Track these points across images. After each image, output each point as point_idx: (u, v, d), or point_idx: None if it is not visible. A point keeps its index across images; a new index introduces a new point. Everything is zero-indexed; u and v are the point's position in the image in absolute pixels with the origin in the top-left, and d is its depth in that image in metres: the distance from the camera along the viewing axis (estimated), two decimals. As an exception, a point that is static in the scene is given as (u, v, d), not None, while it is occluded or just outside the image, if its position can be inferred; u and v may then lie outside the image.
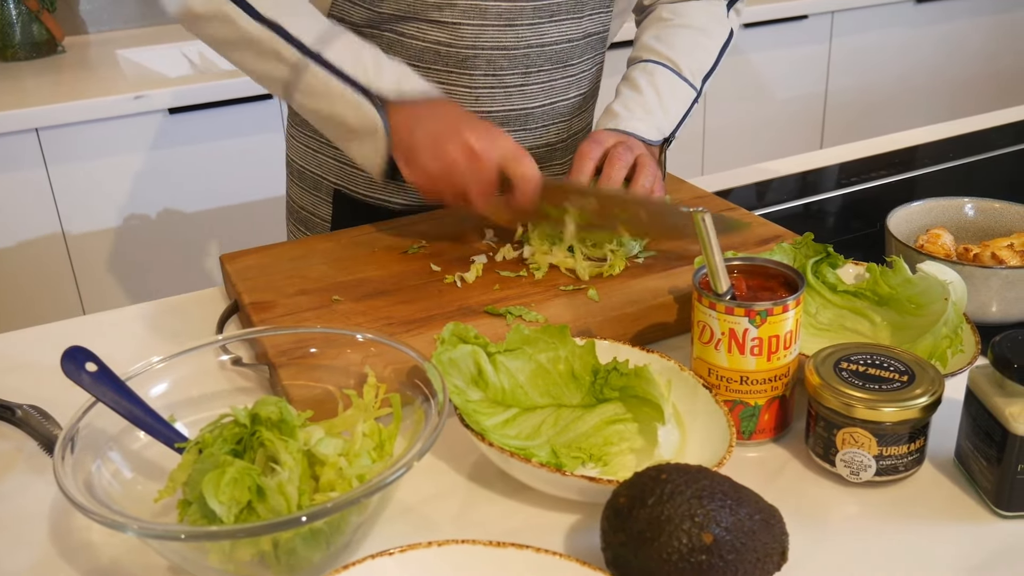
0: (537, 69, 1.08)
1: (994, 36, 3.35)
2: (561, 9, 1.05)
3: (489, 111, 1.09)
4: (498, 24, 1.03)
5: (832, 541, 0.66)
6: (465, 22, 1.02)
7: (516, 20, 1.03)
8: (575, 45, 1.10)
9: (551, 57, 1.08)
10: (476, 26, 1.02)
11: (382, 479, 0.59)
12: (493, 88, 1.08)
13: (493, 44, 1.04)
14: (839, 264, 0.88)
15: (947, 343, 0.78)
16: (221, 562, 0.59)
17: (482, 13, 1.02)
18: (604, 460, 0.73)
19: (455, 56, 1.05)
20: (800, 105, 3.04)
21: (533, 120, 1.13)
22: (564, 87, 1.13)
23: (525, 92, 1.10)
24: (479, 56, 1.05)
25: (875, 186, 1.33)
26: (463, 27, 1.02)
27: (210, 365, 0.77)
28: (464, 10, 1.01)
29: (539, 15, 1.04)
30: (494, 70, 1.06)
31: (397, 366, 0.73)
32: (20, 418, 0.81)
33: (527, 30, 1.04)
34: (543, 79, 1.10)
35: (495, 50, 1.05)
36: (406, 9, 1.02)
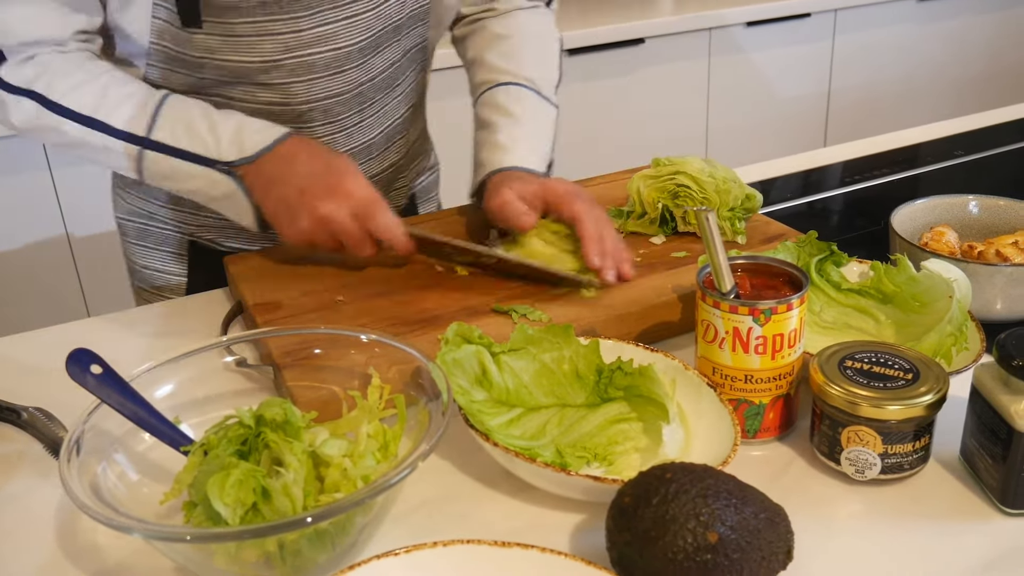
0: (370, 102, 1.07)
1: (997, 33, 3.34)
2: (382, 40, 1.02)
3: None
4: (327, 75, 1.00)
5: (837, 539, 0.66)
6: (294, 80, 0.99)
7: (344, 65, 1.00)
8: (399, 66, 1.08)
9: (380, 86, 1.07)
10: (305, 82, 0.99)
11: (387, 480, 0.59)
12: (333, 134, 1.06)
13: (325, 94, 1.02)
14: (843, 262, 0.88)
15: (952, 341, 0.78)
16: (227, 564, 0.59)
17: (309, 68, 0.98)
18: (609, 459, 0.73)
19: (290, 113, 1.02)
20: (803, 103, 3.04)
21: (375, 149, 1.12)
22: (394, 108, 1.11)
23: (363, 127, 1.08)
24: (314, 109, 1.02)
25: (879, 184, 1.33)
26: (293, 86, 0.99)
27: (215, 366, 0.77)
28: (291, 69, 0.98)
29: (364, 54, 1.01)
30: (331, 118, 1.04)
31: (401, 367, 0.73)
32: (26, 420, 0.81)
33: (355, 71, 1.02)
34: (376, 109, 1.08)
35: (328, 99, 1.02)
36: (230, 76, 0.98)
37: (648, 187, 1.03)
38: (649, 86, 2.71)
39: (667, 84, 2.75)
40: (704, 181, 1.01)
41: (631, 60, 2.64)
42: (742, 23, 2.79)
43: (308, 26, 0.96)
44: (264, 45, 0.96)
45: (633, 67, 2.65)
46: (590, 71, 2.55)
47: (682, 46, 2.72)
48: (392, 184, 1.20)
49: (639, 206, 1.04)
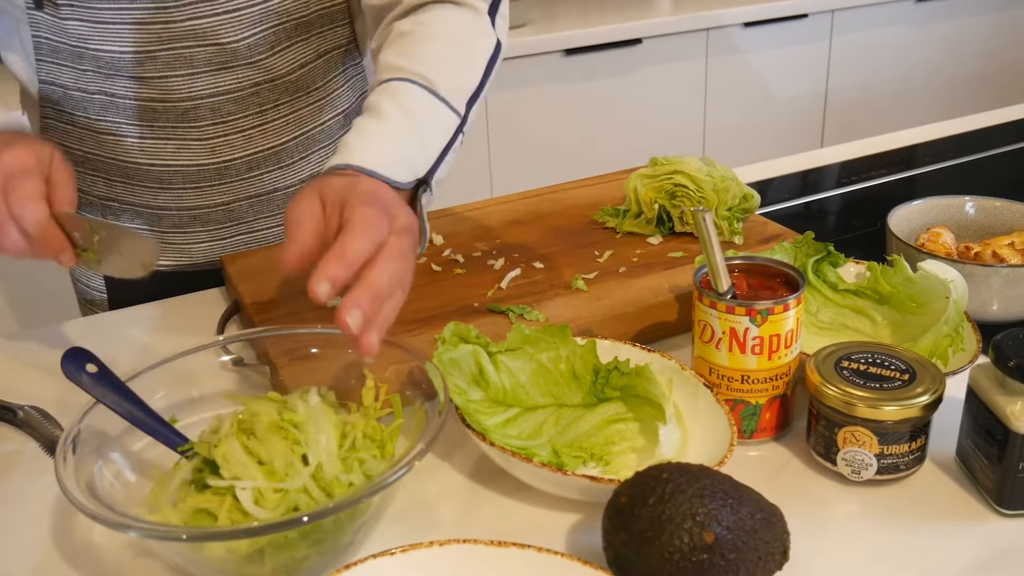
0: (273, 104, 1.00)
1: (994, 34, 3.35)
2: (281, 38, 0.96)
3: (231, 159, 1.01)
4: (210, 70, 0.94)
5: (833, 540, 0.66)
6: (172, 75, 0.94)
7: (229, 62, 0.95)
8: (312, 68, 1.01)
9: (287, 89, 1.00)
10: (186, 77, 0.94)
11: (383, 479, 0.59)
12: (227, 135, 0.99)
13: (211, 91, 0.95)
14: (840, 263, 0.88)
15: (948, 342, 0.78)
16: (222, 563, 0.59)
17: (188, 62, 0.93)
18: (605, 459, 0.73)
19: (173, 111, 0.96)
20: (800, 104, 3.04)
21: (287, 156, 1.05)
22: (314, 113, 1.05)
23: (266, 131, 1.02)
24: (200, 107, 0.96)
25: (876, 185, 1.33)
26: (171, 80, 0.94)
27: (211, 366, 0.77)
28: (167, 63, 0.93)
29: (255, 51, 0.95)
30: (221, 117, 0.98)
31: (398, 366, 0.73)
32: (22, 419, 0.81)
33: (245, 69, 0.96)
34: (283, 113, 1.01)
35: (215, 97, 0.96)
36: (107, 67, 0.93)
37: (645, 187, 1.03)
38: (646, 86, 2.71)
39: (664, 84, 2.75)
40: (702, 180, 1.01)
41: (628, 60, 2.64)
42: (739, 23, 2.79)
43: (180, 18, 0.91)
44: (134, 35, 0.91)
45: (630, 67, 2.65)
46: (588, 71, 2.55)
47: (680, 46, 2.72)
48: None
49: (635, 205, 1.04)
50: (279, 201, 1.09)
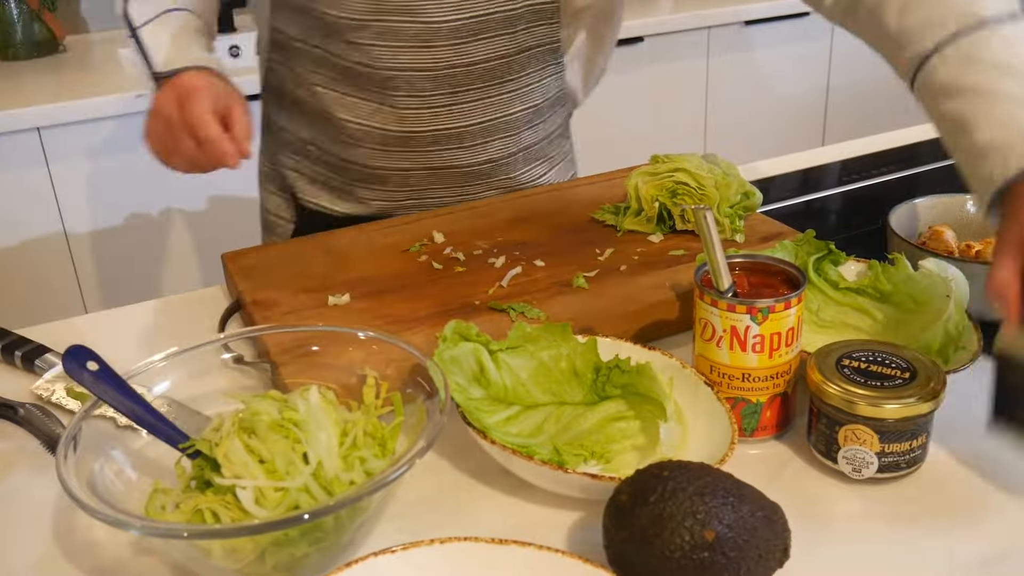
0: (465, 88, 1.05)
1: (996, 33, 3.34)
2: (487, 27, 1.01)
3: (415, 131, 1.07)
4: (414, 45, 1.00)
5: (834, 538, 0.66)
6: (380, 44, 1.00)
7: (432, 41, 1.00)
8: (511, 61, 1.05)
9: (481, 75, 1.04)
10: (391, 48, 1.00)
11: (384, 477, 0.59)
12: (418, 109, 1.05)
13: (411, 66, 1.02)
14: (841, 261, 0.88)
15: (949, 340, 0.78)
16: (223, 560, 0.59)
17: (395, 35, 0.99)
18: (606, 457, 0.73)
19: (375, 77, 1.03)
20: (802, 102, 3.04)
21: (469, 138, 1.10)
22: (504, 103, 1.09)
23: (454, 112, 1.07)
24: (398, 78, 1.03)
25: (877, 183, 1.33)
26: (378, 49, 1.01)
27: (212, 363, 0.77)
28: (378, 32, 0.99)
29: (459, 35, 1.00)
30: (415, 91, 1.04)
31: (399, 364, 0.73)
32: (23, 417, 0.81)
33: (446, 50, 1.01)
34: (473, 97, 1.06)
35: (414, 71, 1.02)
36: (327, 29, 1.02)
37: (647, 184, 1.03)
38: (647, 85, 2.71)
39: (665, 83, 2.75)
40: (703, 177, 1.01)
41: (630, 58, 2.64)
42: (741, 22, 2.79)
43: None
44: (353, 3, 0.99)
45: (632, 65, 2.65)
46: (589, 69, 2.55)
47: (681, 45, 2.72)
48: (491, 178, 1.16)
49: (636, 203, 1.04)
50: (453, 177, 1.13)
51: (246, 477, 0.61)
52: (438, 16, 0.99)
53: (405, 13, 0.98)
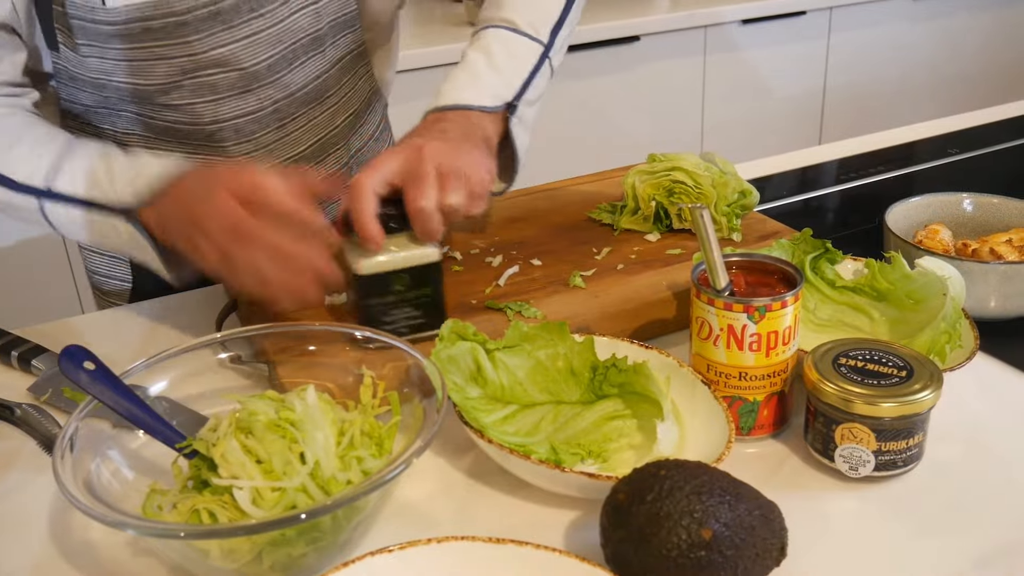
0: (291, 117, 1.02)
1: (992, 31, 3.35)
2: (298, 54, 0.98)
3: None
4: (233, 94, 0.96)
5: (831, 536, 0.67)
6: (197, 101, 0.95)
7: (252, 84, 0.97)
8: (327, 77, 1.04)
9: (303, 101, 1.02)
10: (211, 102, 0.96)
11: (381, 476, 0.59)
12: (250, 152, 1.01)
13: (236, 114, 0.97)
14: (838, 260, 0.89)
15: (945, 338, 0.78)
16: (221, 560, 0.59)
17: (212, 89, 0.95)
18: (603, 456, 0.73)
19: (199, 133, 0.98)
20: (798, 101, 3.04)
21: (305, 162, 1.06)
22: (328, 119, 1.07)
23: (285, 143, 1.04)
24: (224, 129, 0.98)
25: (873, 182, 1.33)
26: (197, 106, 0.96)
27: (209, 363, 0.76)
28: (192, 89, 0.94)
29: (276, 70, 0.97)
30: (244, 136, 1.00)
31: (396, 363, 0.73)
32: (19, 417, 0.81)
33: (268, 88, 0.98)
34: (301, 124, 1.04)
35: (239, 119, 0.98)
36: (130, 96, 0.95)
37: (643, 183, 1.03)
38: (644, 84, 2.71)
39: (662, 82, 2.75)
40: (700, 176, 1.01)
41: (626, 57, 2.64)
42: (737, 21, 2.79)
43: (202, 49, 0.92)
44: (158, 69, 0.93)
45: (628, 64, 2.65)
46: (585, 68, 2.55)
47: (677, 44, 2.72)
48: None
49: (632, 201, 1.04)
50: None
51: (243, 477, 0.61)
52: (251, 60, 0.95)
53: (218, 66, 0.94)
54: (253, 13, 0.93)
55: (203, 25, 0.91)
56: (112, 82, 0.94)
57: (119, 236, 0.84)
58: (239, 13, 0.93)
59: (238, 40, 0.94)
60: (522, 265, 0.97)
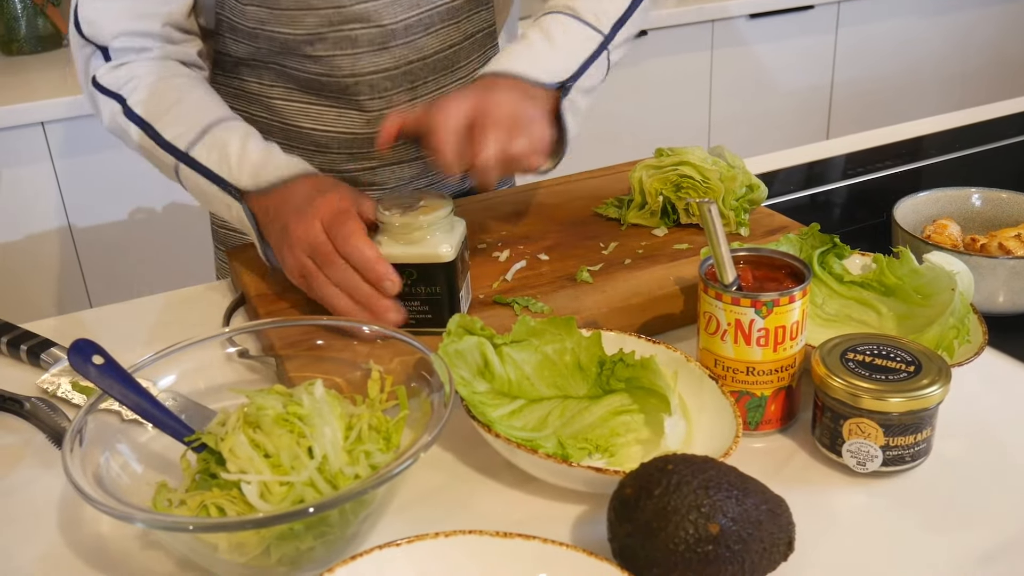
0: (423, 81, 1.08)
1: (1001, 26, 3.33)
2: (435, 20, 1.04)
3: None
4: (372, 49, 1.02)
5: (839, 531, 0.67)
6: (338, 53, 1.02)
7: (389, 42, 1.02)
8: (459, 49, 1.09)
9: (435, 67, 1.08)
10: (350, 56, 1.02)
11: (389, 471, 0.59)
12: (382, 109, 1.07)
13: (371, 69, 1.04)
14: (845, 255, 0.88)
15: (954, 333, 0.78)
16: (229, 553, 0.59)
17: (353, 42, 1.01)
18: (610, 451, 0.73)
19: (336, 85, 1.05)
20: (806, 96, 3.03)
21: None
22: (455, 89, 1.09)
23: (415, 106, 1.08)
24: (360, 83, 1.04)
25: (881, 176, 1.32)
26: (337, 59, 1.02)
27: (217, 357, 0.77)
28: (335, 42, 1.01)
29: (412, 32, 1.03)
30: (378, 92, 1.06)
31: (403, 358, 0.73)
32: (28, 411, 0.81)
33: (403, 48, 1.04)
34: (431, 89, 1.09)
35: (375, 74, 1.04)
36: (280, 47, 1.02)
37: (651, 178, 1.03)
38: (652, 78, 2.70)
39: (670, 76, 2.74)
40: (707, 170, 1.01)
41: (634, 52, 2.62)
42: (745, 15, 2.78)
43: (348, 3, 0.99)
44: (306, 19, 0.99)
45: (636, 59, 2.65)
46: (592, 63, 2.54)
47: (685, 38, 2.71)
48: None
49: (640, 196, 1.04)
50: (420, 168, 1.16)
51: (251, 472, 0.61)
52: (391, 19, 1.01)
53: (360, 21, 1.00)
54: None
55: None
56: (264, 32, 1.01)
57: (230, 212, 0.93)
58: None
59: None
60: (529, 260, 0.97)
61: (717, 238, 0.72)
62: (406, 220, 0.82)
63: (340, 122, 1.08)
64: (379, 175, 1.13)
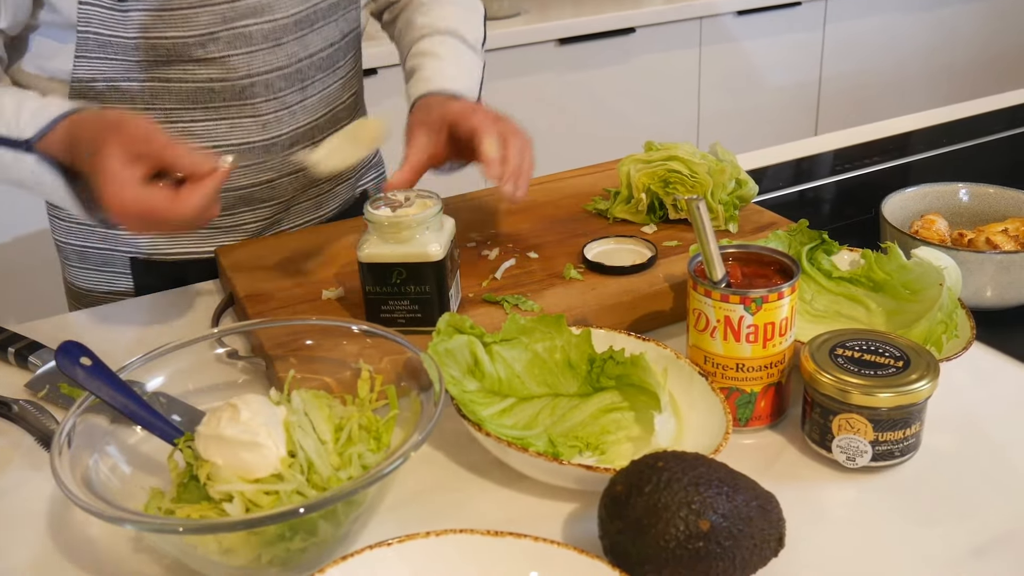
0: (311, 81, 1.07)
1: (988, 21, 3.35)
2: (318, 16, 1.04)
3: (278, 135, 1.06)
4: (266, 46, 1.01)
5: (829, 526, 0.67)
6: (232, 53, 0.99)
7: (282, 38, 1.01)
8: (338, 47, 1.10)
9: (320, 66, 1.07)
10: (245, 54, 1.00)
11: (379, 470, 0.59)
12: (277, 111, 1.05)
13: (267, 68, 1.02)
14: (834, 251, 0.89)
15: (942, 328, 0.78)
16: (219, 555, 0.59)
17: (247, 39, 0.99)
18: (601, 449, 0.73)
19: (231, 89, 1.01)
20: (794, 92, 3.04)
21: (319, 131, 1.10)
22: (337, 91, 1.12)
23: (307, 107, 1.08)
24: (256, 83, 1.02)
25: (869, 172, 1.33)
26: (232, 58, 0.99)
27: (206, 358, 0.76)
28: (228, 41, 0.98)
29: (301, 28, 1.03)
30: (273, 93, 1.04)
31: (393, 357, 0.73)
32: (16, 413, 0.81)
33: (294, 45, 1.03)
34: (318, 89, 1.08)
35: (270, 73, 1.02)
36: (166, 54, 0.97)
37: (639, 172, 1.03)
38: (640, 75, 2.71)
39: (658, 73, 2.74)
40: (696, 164, 1.01)
41: (622, 49, 2.63)
42: (733, 12, 2.79)
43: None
44: (200, 17, 0.96)
45: (624, 56, 2.65)
46: (581, 60, 2.55)
47: (673, 35, 2.72)
48: (342, 176, 1.20)
49: (626, 189, 1.04)
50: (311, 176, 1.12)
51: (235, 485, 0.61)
52: (283, 11, 1.00)
53: (255, 15, 0.98)
54: None
55: None
56: (148, 40, 0.96)
57: (25, 174, 0.86)
58: None
59: None
60: (519, 258, 0.97)
61: (706, 235, 0.73)
62: (395, 219, 0.82)
63: (233, 133, 1.03)
64: (276, 188, 1.10)
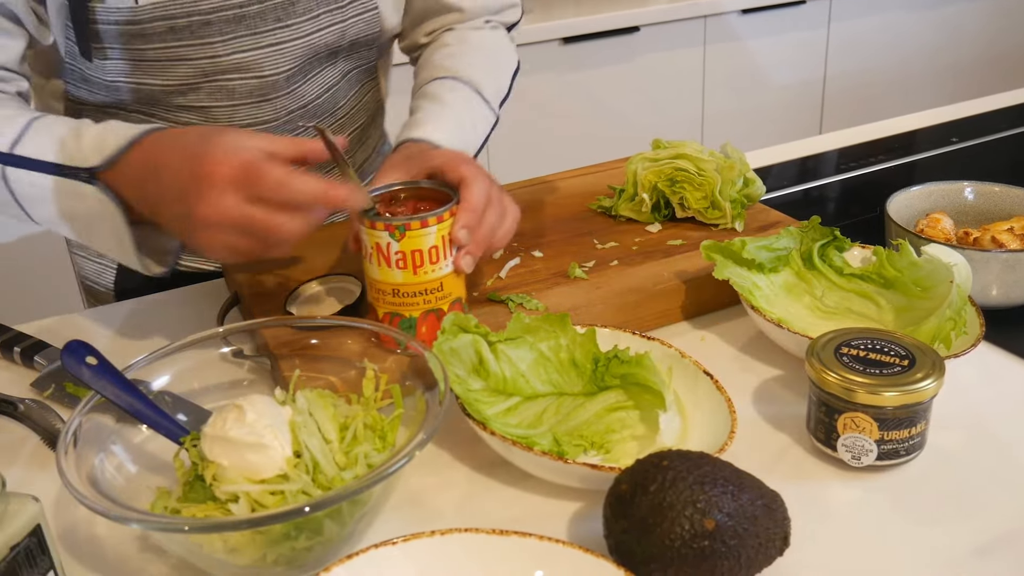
0: (303, 128, 1.01)
1: (993, 19, 3.34)
2: (314, 65, 0.99)
3: None
4: (251, 102, 0.96)
5: (834, 525, 0.67)
6: (214, 105, 0.95)
7: (269, 94, 0.97)
8: (336, 89, 1.04)
9: (314, 112, 1.02)
10: (227, 107, 0.95)
11: (384, 469, 0.59)
12: None
13: (251, 121, 0.97)
14: (846, 247, 0.89)
15: (951, 325, 0.78)
16: (225, 554, 0.59)
17: (230, 94, 0.94)
18: (606, 447, 0.73)
19: None
20: (799, 91, 3.04)
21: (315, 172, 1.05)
22: (336, 132, 1.07)
23: None
24: None
25: (875, 171, 1.33)
26: (214, 110, 0.95)
27: (211, 357, 0.76)
28: (210, 93, 0.94)
29: (292, 82, 0.97)
30: None
31: (398, 356, 0.73)
32: (23, 412, 0.81)
33: (283, 99, 0.98)
34: (312, 134, 1.02)
35: (254, 125, 0.98)
36: (147, 98, 0.94)
37: (646, 170, 1.03)
38: (644, 74, 2.71)
39: (662, 72, 2.74)
40: (703, 160, 1.01)
41: (626, 48, 2.63)
42: (737, 11, 2.79)
43: (224, 52, 0.92)
44: (177, 70, 0.92)
45: (628, 55, 2.65)
46: (585, 59, 2.55)
47: (677, 34, 2.71)
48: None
49: (632, 187, 1.04)
50: None
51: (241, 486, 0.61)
52: (272, 70, 0.95)
53: (238, 71, 0.94)
54: (279, 23, 0.94)
55: (227, 28, 0.91)
56: (127, 84, 0.93)
57: (82, 205, 0.78)
58: (264, 21, 0.93)
59: (261, 48, 0.94)
60: (523, 257, 0.97)
61: (344, 164, 0.76)
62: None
63: None
64: None
